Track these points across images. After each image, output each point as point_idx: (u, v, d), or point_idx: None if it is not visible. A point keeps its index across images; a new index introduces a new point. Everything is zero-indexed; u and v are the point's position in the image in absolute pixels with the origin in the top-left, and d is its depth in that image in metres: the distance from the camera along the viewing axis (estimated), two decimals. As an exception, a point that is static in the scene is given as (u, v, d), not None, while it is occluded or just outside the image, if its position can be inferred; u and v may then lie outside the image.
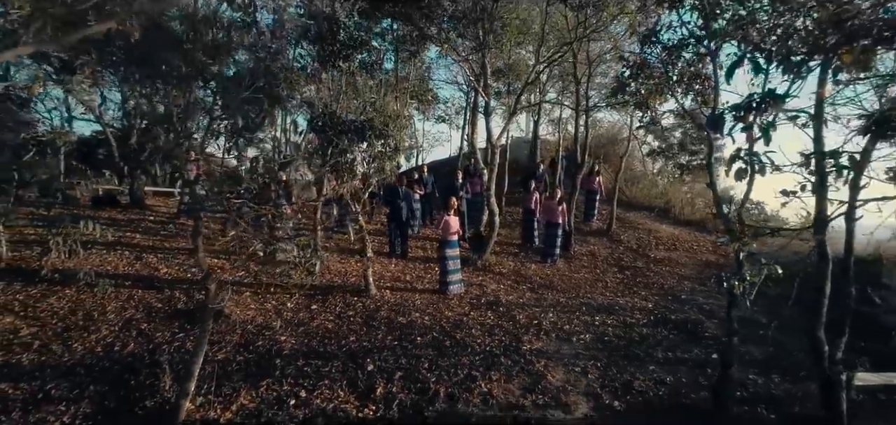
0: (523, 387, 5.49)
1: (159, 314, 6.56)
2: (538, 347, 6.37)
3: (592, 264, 10.32)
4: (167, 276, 7.70)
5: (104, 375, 5.28)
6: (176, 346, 5.86)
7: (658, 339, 6.89)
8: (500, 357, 6.03)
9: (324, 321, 6.70)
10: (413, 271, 9.05)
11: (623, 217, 13.68)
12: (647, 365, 6.14)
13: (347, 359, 5.79)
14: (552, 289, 8.70)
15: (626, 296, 8.61)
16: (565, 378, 5.74)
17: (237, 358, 5.70)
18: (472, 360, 5.89)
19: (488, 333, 6.66)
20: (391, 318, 6.84)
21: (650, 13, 6.30)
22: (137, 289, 7.10)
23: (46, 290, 6.74)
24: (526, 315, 7.35)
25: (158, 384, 5.15)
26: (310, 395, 5.11)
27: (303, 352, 5.90)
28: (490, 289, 8.38)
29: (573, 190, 11.48)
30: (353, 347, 6.08)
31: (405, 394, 5.22)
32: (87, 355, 5.58)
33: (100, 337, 5.91)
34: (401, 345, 6.16)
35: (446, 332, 6.56)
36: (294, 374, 5.45)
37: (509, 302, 7.85)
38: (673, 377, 5.88)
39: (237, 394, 5.06)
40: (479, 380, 5.51)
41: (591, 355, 6.31)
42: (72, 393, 4.98)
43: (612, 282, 9.32)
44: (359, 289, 7.70)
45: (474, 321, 7.00)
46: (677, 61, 4.81)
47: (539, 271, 9.56)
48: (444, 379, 5.49)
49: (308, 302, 7.24)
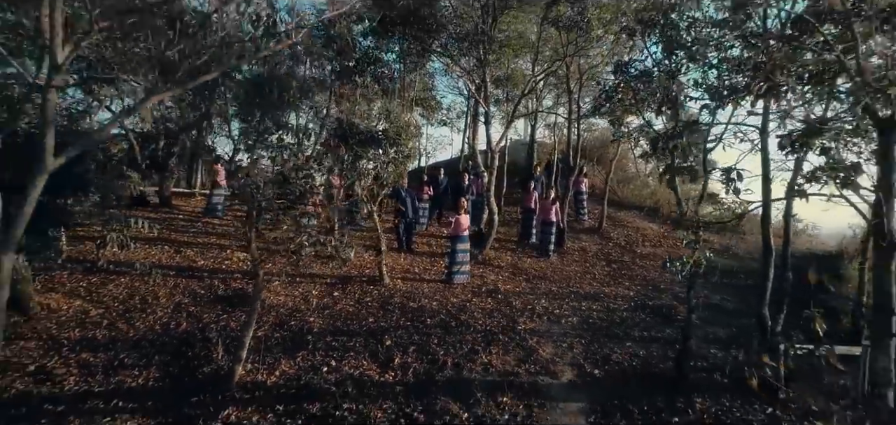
0: (518, 359, 6.50)
1: (203, 299, 7.57)
2: (531, 327, 7.37)
3: (583, 258, 11.32)
4: (205, 267, 8.70)
5: (165, 347, 6.29)
6: (221, 325, 6.88)
7: (636, 322, 7.90)
8: (499, 335, 7.04)
9: (345, 305, 7.71)
10: (420, 264, 10.04)
11: (614, 216, 14.66)
12: (624, 342, 7.15)
13: (368, 336, 6.80)
14: (545, 279, 9.70)
15: (611, 286, 9.62)
16: (554, 352, 6.75)
17: (274, 335, 6.71)
18: (474, 337, 6.90)
19: (488, 316, 7.66)
20: (404, 303, 7.85)
21: (625, 42, 7.31)
22: (181, 278, 8.11)
23: (105, 279, 7.75)
24: (521, 301, 8.35)
25: (212, 355, 6.16)
26: (339, 364, 6.13)
27: (330, 331, 6.91)
28: (490, 280, 9.38)
29: (566, 191, 12.47)
30: (372, 326, 7.09)
31: (419, 364, 6.23)
32: (148, 332, 6.59)
33: (156, 317, 6.93)
34: (413, 325, 7.16)
35: (452, 315, 7.57)
36: (324, 348, 6.46)
37: (507, 290, 8.85)
38: (646, 351, 6.90)
39: (278, 363, 6.08)
40: (481, 353, 6.52)
41: (576, 334, 7.31)
42: (141, 362, 6.00)
43: (599, 274, 10.33)
44: (374, 279, 8.70)
45: (476, 306, 8.01)
46: (647, 84, 5.80)
47: (534, 264, 10.55)
48: (451, 352, 6.50)
49: (330, 290, 8.25)
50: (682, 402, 5.76)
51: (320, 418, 5.24)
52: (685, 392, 5.92)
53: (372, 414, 5.32)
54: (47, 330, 6.37)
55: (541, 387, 5.99)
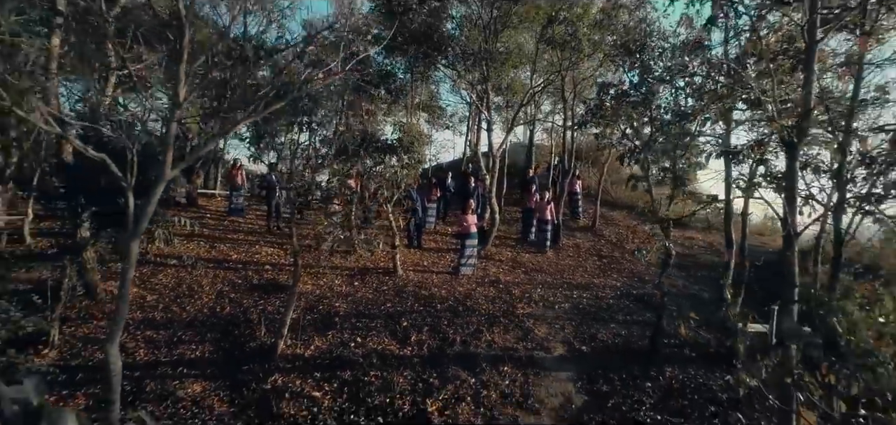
0: (517, 338, 7.56)
1: (240, 287, 8.63)
2: (528, 312, 8.44)
3: (576, 253, 12.38)
4: (238, 260, 9.76)
5: (215, 327, 7.35)
6: (260, 308, 7.93)
7: (620, 307, 8.97)
8: (500, 318, 8.10)
9: (365, 293, 8.76)
10: (429, 258, 11.10)
11: (607, 215, 15.72)
12: (609, 324, 8.22)
13: (387, 318, 7.86)
14: (541, 272, 10.75)
15: (601, 277, 10.68)
16: (548, 331, 7.82)
17: (306, 317, 7.75)
18: (479, 320, 7.96)
19: (491, 302, 8.72)
20: (416, 292, 8.90)
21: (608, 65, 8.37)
22: (220, 270, 9.17)
23: (154, 270, 8.81)
24: (520, 290, 9.41)
25: (255, 333, 7.23)
26: (364, 340, 7.19)
27: (353, 314, 7.96)
28: (492, 272, 10.43)
29: (561, 192, 13.52)
30: (389, 310, 8.14)
31: (432, 341, 7.29)
32: (198, 314, 7.65)
33: (203, 302, 7.99)
34: (425, 310, 8.22)
35: (459, 301, 8.63)
36: (350, 327, 7.52)
37: (507, 281, 9.91)
38: (627, 331, 7.97)
39: (313, 340, 7.14)
40: (485, 333, 7.58)
41: (568, 317, 8.38)
42: (196, 338, 7.06)
43: (590, 267, 11.39)
44: (388, 271, 9.74)
45: (480, 294, 9.06)
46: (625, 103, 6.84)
47: (532, 259, 11.61)
48: (459, 331, 7.56)
49: (351, 280, 9.30)
50: (654, 371, 6.84)
51: (352, 383, 6.31)
52: (658, 363, 6.99)
53: (394, 379, 6.39)
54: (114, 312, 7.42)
55: (536, 360, 7.06)
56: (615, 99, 6.40)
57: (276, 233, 11.86)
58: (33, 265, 8.36)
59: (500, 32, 11.15)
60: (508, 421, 5.80)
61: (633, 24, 7.64)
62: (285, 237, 11.58)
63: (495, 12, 10.52)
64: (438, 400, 6.06)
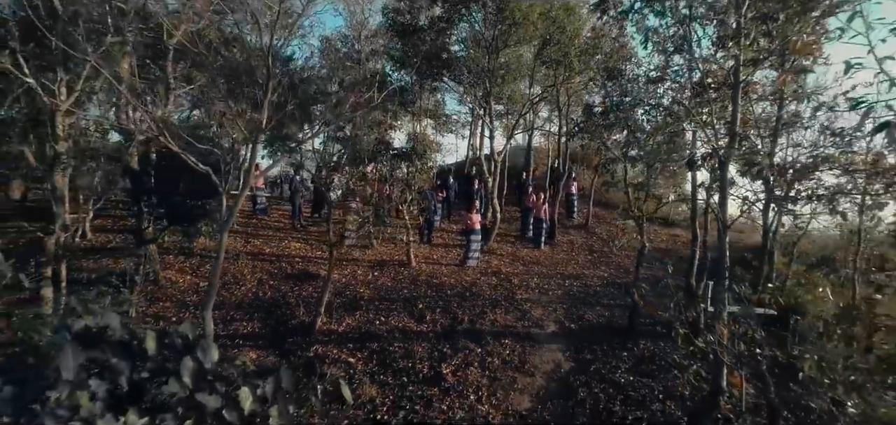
0: (516, 318, 8.89)
1: (277, 276, 9.96)
2: (526, 297, 9.76)
3: (570, 249, 13.70)
4: (271, 253, 11.08)
5: (260, 308, 8.69)
6: (296, 293, 9.26)
7: (605, 294, 10.30)
8: (501, 302, 9.43)
9: (384, 281, 10.09)
10: (437, 252, 12.42)
11: (600, 214, 17.02)
12: (595, 307, 9.55)
13: (405, 301, 9.19)
14: (538, 264, 12.08)
15: (590, 269, 12.01)
16: (542, 313, 9.15)
17: (336, 300, 9.07)
18: (483, 303, 9.29)
19: (493, 289, 10.05)
20: (428, 280, 10.22)
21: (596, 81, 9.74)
22: (257, 261, 10.50)
23: (201, 262, 10.14)
24: (518, 279, 10.74)
25: (295, 313, 8.56)
26: (386, 319, 8.52)
27: (376, 298, 9.29)
28: (494, 265, 11.75)
29: (557, 193, 14.84)
30: (406, 295, 9.47)
31: (444, 319, 8.62)
32: (244, 298, 8.98)
33: (248, 288, 9.32)
34: (437, 295, 9.55)
35: (466, 288, 9.95)
36: (374, 309, 8.85)
37: (507, 272, 11.23)
38: (609, 313, 9.30)
39: (344, 318, 8.47)
40: (489, 314, 8.91)
41: (560, 302, 9.71)
42: (245, 317, 8.39)
43: (581, 261, 12.71)
44: (403, 263, 11.07)
45: (484, 282, 10.39)
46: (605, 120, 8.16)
47: (529, 253, 12.92)
48: (467, 312, 8.89)
49: (371, 270, 10.63)
50: (631, 344, 8.17)
51: (379, 351, 7.64)
52: (634, 338, 8.32)
53: (414, 349, 7.72)
54: (174, 296, 8.77)
55: (532, 335, 8.39)
56: (597, 117, 7.68)
57: (300, 230, 13.18)
58: (98, 257, 9.73)
59: (502, 49, 12.46)
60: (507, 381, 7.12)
61: (614, 50, 8.98)
62: (308, 233, 12.93)
63: (497, 31, 11.84)
64: (451, 364, 7.40)
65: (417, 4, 12.63)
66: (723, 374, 5.99)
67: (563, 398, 6.96)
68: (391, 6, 13.13)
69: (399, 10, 13.01)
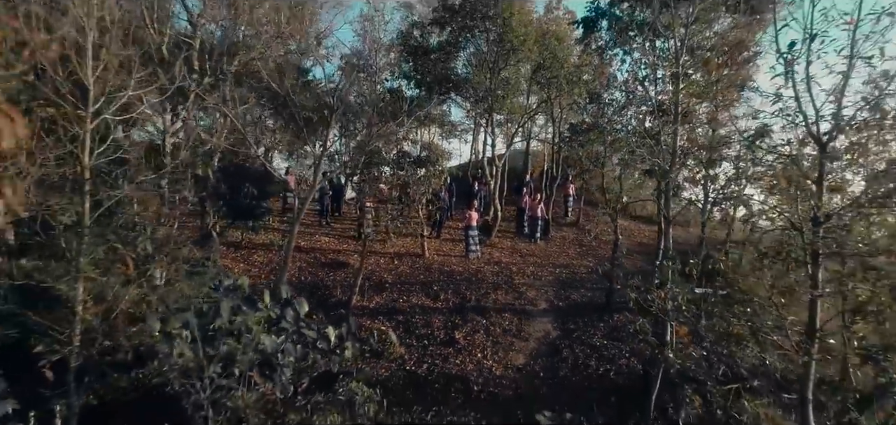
0: (513, 298, 10.78)
1: (313, 264, 11.85)
2: (522, 282, 11.66)
3: (562, 243, 15.58)
4: (306, 246, 12.96)
5: (303, 290, 10.57)
6: (331, 278, 11.15)
7: (589, 280, 12.19)
8: (502, 285, 11.32)
9: (403, 269, 11.98)
10: (447, 246, 14.29)
11: (591, 214, 18.88)
12: (579, 290, 11.45)
13: (422, 285, 11.08)
14: (533, 256, 13.96)
15: (578, 260, 13.89)
16: (536, 294, 11.04)
17: (364, 284, 10.96)
18: (486, 286, 11.18)
19: (495, 275, 11.94)
20: (440, 268, 12.11)
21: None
22: (295, 253, 12.38)
23: (248, 253, 12.03)
24: (516, 268, 12.62)
25: (333, 293, 10.45)
26: (408, 298, 10.42)
27: (397, 282, 11.18)
28: (495, 257, 13.63)
29: (551, 194, 16.73)
30: (423, 280, 11.36)
31: (455, 299, 10.51)
32: (289, 282, 10.86)
33: (291, 274, 11.19)
34: (448, 280, 11.43)
35: (472, 275, 11.84)
36: (397, 291, 10.75)
37: (506, 262, 13.11)
38: (592, 294, 11.21)
39: (373, 297, 10.37)
40: (491, 294, 10.80)
41: (551, 286, 11.60)
42: (293, 297, 10.27)
43: (571, 253, 14.59)
44: (418, 254, 12.94)
45: (487, 270, 12.27)
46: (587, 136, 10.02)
47: (526, 247, 14.79)
48: (473, 293, 10.78)
49: (391, 260, 12.51)
50: (606, 317, 10.07)
51: (404, 322, 9.55)
52: (610, 313, 10.22)
53: (432, 321, 9.62)
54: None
55: (527, 311, 10.28)
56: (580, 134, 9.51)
57: (326, 227, 15.06)
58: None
59: (502, 69, 14.32)
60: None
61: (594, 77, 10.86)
62: (332, 229, 14.81)
63: (498, 54, 13.71)
64: (462, 331, 9.30)
65: (428, 29, 14.54)
66: (668, 331, 7.87)
67: (550, 356, 8.86)
68: (405, 30, 15.03)
69: (411, 34, 14.91)
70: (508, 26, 12.29)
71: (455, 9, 13.33)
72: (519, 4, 12.52)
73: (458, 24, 13.59)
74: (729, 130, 7.71)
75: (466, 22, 13.30)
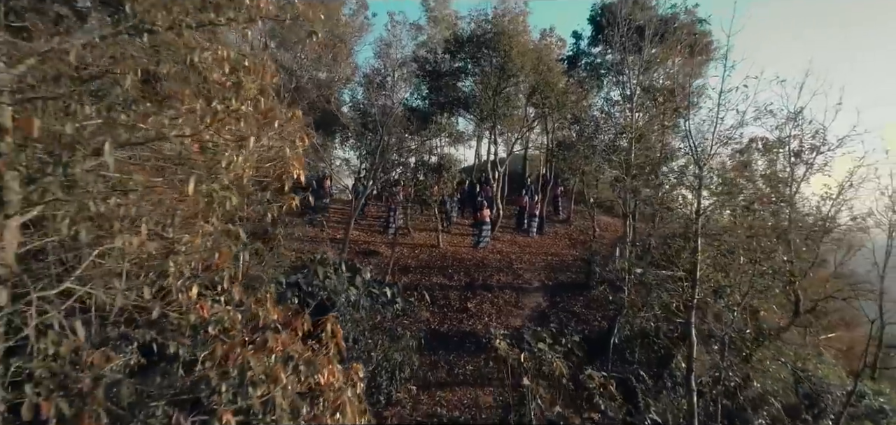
0: (512, 278, 13.47)
1: (351, 253, 14.54)
2: (520, 267, 14.34)
3: (555, 237, 18.24)
4: (340, 239, 15.65)
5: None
6: (364, 263, 13.82)
7: (576, 266, 14.87)
8: (503, 269, 14.01)
9: (423, 257, 14.68)
10: (456, 239, 16.98)
11: (582, 212, 21.55)
12: (567, 272, 14.14)
13: (439, 268, 13.78)
14: (530, 247, 16.63)
15: (567, 250, 16.56)
16: (531, 276, 13.73)
17: (393, 266, 13.64)
18: (491, 270, 13.87)
19: (498, 262, 14.62)
20: (454, 256, 14.79)
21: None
22: (333, 243, 15.09)
23: (298, 244, 14.72)
24: (515, 256, 15.30)
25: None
26: (428, 278, 13.12)
27: (419, 267, 13.88)
28: (497, 247, 16.29)
29: (545, 195, 19.42)
30: (439, 265, 14.05)
31: (466, 279, 13.21)
32: (333, 265, 13.57)
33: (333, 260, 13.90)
34: (460, 265, 14.12)
35: (479, 261, 14.52)
36: (419, 272, 13.44)
37: (507, 251, 15.78)
38: (575, 275, 13.90)
39: (400, 277, 13.07)
40: (495, 276, 13.49)
41: (543, 269, 14.28)
42: (337, 277, 12.99)
43: (562, 245, 17.26)
44: (433, 245, 15.63)
45: (491, 258, 14.96)
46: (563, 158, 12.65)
47: (524, 240, 17.46)
48: (481, 275, 13.47)
49: (412, 250, 15.20)
50: (586, 293, 12.75)
51: (429, 292, 12.24)
52: (588, 289, 12.90)
53: (448, 294, 12.32)
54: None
55: (523, 288, 12.97)
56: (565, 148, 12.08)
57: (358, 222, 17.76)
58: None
59: (503, 89, 17.01)
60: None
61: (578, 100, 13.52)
62: (360, 225, 17.51)
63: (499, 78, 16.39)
64: (473, 302, 12.00)
65: (441, 56, 17.27)
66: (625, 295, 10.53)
67: (540, 320, 11.55)
68: (420, 55, 17.76)
69: (426, 59, 17.63)
70: (508, 57, 14.97)
71: (463, 41, 16.05)
72: (516, 38, 15.18)
73: (466, 53, 16.31)
74: (670, 149, 10.39)
75: (473, 51, 16.01)
